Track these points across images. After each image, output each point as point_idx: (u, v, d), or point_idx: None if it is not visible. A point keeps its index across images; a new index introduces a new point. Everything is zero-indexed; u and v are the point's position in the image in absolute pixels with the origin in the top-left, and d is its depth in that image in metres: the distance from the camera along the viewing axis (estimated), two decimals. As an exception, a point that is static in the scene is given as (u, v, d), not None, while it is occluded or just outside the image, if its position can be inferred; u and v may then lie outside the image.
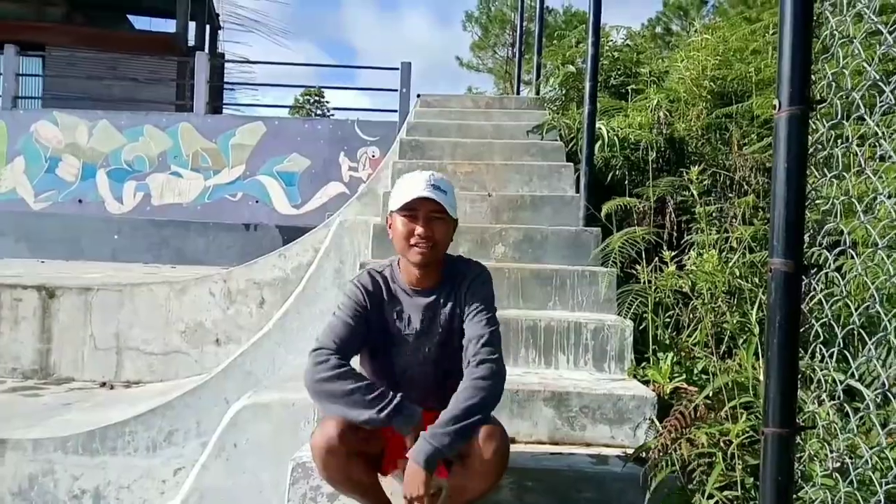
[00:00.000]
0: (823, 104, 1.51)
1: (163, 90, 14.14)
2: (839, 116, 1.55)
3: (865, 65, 1.54)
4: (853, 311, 1.66)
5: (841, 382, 1.66)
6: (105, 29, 17.81)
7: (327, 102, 27.04)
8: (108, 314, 6.09)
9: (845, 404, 1.74)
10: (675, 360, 3.02)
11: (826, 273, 1.72)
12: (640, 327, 3.31)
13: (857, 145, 1.76)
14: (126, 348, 6.09)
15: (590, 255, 3.79)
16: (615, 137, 4.56)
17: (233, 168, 10.32)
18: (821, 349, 1.85)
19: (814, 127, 1.62)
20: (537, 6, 7.69)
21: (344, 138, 10.33)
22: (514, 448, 2.02)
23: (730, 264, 3.17)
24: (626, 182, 4.55)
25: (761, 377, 1.94)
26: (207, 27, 18.83)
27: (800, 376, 1.93)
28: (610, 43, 6.20)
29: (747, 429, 1.95)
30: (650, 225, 4.21)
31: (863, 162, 1.85)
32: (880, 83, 1.56)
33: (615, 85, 6.02)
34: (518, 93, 8.48)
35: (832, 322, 1.66)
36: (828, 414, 1.78)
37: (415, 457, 1.77)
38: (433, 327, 2.05)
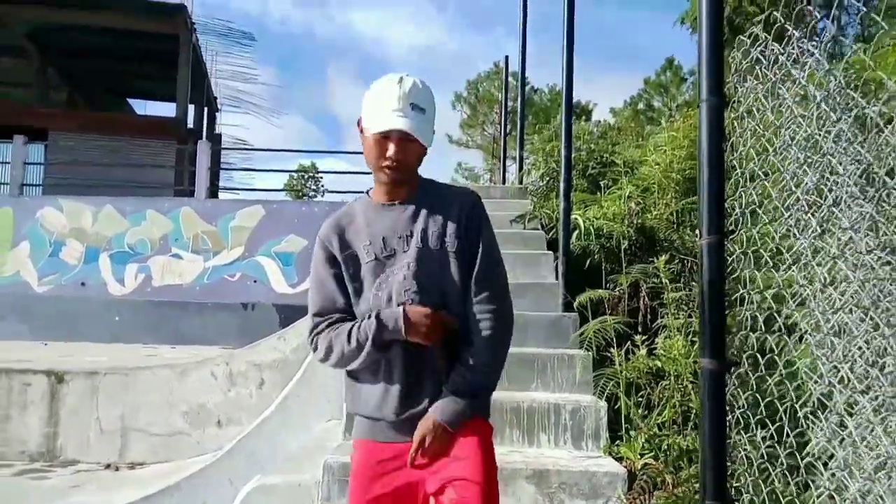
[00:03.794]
0: (735, 233, 1.89)
1: (163, 174, 14.65)
2: (744, 244, 1.93)
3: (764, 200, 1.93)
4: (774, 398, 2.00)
5: (766, 458, 1.99)
6: (106, 113, 18.52)
7: (321, 178, 27.76)
8: (113, 397, 6.34)
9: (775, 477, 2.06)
10: (645, 437, 3.34)
11: (744, 370, 2.06)
12: (615, 406, 3.63)
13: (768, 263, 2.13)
14: (131, 430, 6.31)
15: (569, 339, 4.14)
16: (591, 227, 4.96)
17: (232, 249, 10.69)
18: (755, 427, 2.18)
19: (730, 250, 2.00)
20: (519, 100, 8.22)
21: (339, 219, 10.75)
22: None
23: (695, 347, 3.51)
24: (603, 268, 4.93)
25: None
26: (206, 110, 19.57)
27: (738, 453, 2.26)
28: (586, 136, 6.67)
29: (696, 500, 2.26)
30: (625, 309, 4.57)
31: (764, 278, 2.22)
32: (774, 223, 1.94)
33: (592, 174, 6.48)
34: (504, 178, 8.97)
35: (749, 412, 2.00)
36: (756, 487, 2.09)
37: (442, 417, 1.77)
38: (409, 241, 1.83)
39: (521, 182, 7.36)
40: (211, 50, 18.09)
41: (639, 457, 3.16)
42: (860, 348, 1.62)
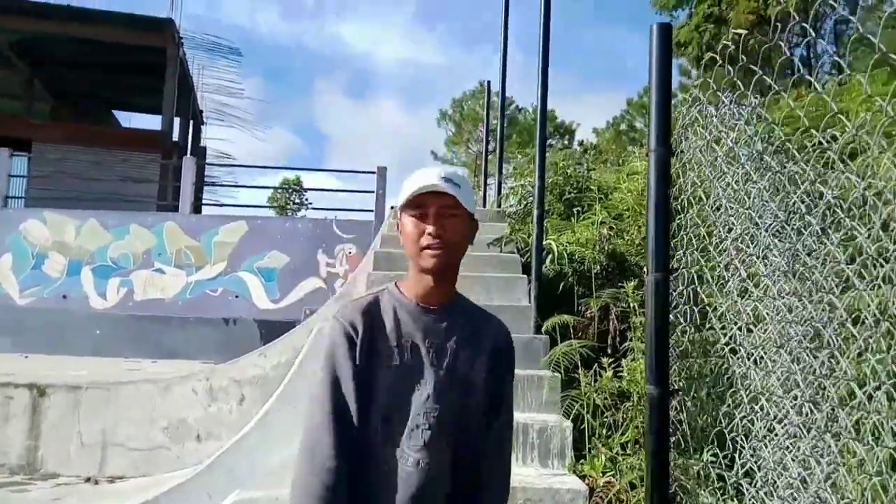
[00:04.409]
0: (676, 272, 2.08)
1: (147, 188, 14.73)
2: (686, 281, 2.12)
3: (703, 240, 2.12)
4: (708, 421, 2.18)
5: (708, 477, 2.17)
6: (92, 125, 18.58)
7: (305, 192, 27.90)
8: (95, 411, 6.42)
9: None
10: (608, 456, 3.51)
11: (683, 397, 2.25)
12: (581, 427, 3.80)
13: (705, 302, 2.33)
14: (111, 444, 6.39)
15: (539, 361, 4.31)
16: (564, 252, 5.16)
17: (214, 264, 10.80)
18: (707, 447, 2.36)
19: (673, 287, 2.19)
20: (499, 129, 8.44)
21: (322, 236, 10.92)
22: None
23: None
24: (576, 291, 5.12)
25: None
26: (191, 123, 19.67)
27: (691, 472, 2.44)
28: (562, 163, 6.89)
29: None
30: (595, 331, 4.76)
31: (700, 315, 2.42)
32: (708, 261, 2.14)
33: (569, 199, 6.69)
34: (485, 201, 9.18)
35: (688, 430, 2.18)
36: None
37: None
38: (441, 358, 1.64)
39: (499, 206, 7.57)
40: (198, 64, 18.23)
41: (601, 475, 3.33)
42: (778, 379, 1.80)
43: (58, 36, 15.65)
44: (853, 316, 1.71)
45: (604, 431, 3.74)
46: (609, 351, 4.48)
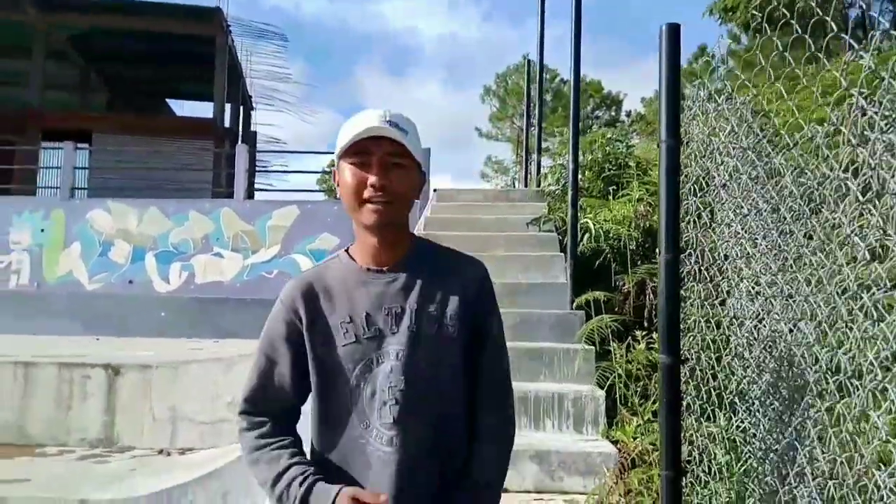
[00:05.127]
0: (685, 251, 2.29)
1: (200, 174, 15.29)
2: (693, 260, 2.33)
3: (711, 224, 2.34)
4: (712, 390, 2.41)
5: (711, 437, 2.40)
6: (147, 115, 19.27)
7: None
8: (165, 389, 6.91)
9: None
10: (640, 422, 3.74)
11: (692, 365, 2.48)
12: (616, 396, 4.04)
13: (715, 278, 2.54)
14: (180, 419, 6.88)
15: (575, 334, 4.55)
16: (601, 230, 5.35)
17: (269, 248, 11.25)
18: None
19: (684, 266, 2.41)
20: (537, 108, 8.59)
21: (370, 217, 11.26)
22: (505, 497, 2.71)
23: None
24: (612, 268, 5.32)
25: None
26: (241, 108, 20.21)
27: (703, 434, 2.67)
28: (601, 140, 7.04)
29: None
30: (631, 306, 4.97)
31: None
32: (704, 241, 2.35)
33: (608, 175, 6.85)
34: (526, 180, 9.38)
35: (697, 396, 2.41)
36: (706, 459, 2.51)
37: None
38: (399, 322, 1.47)
39: (538, 185, 7.77)
40: (245, 50, 18.68)
41: (632, 440, 3.57)
42: (767, 349, 2.02)
43: (111, 29, 16.24)
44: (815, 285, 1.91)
45: (636, 400, 3.97)
46: (645, 324, 4.69)
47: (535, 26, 9.10)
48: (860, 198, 1.42)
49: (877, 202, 1.37)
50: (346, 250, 1.57)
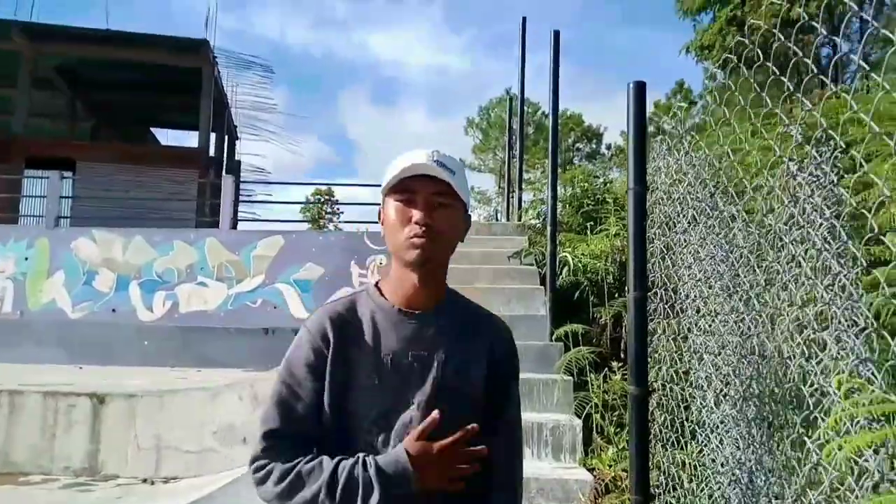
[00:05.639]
0: (652, 290, 2.49)
1: (185, 204, 15.41)
2: (659, 298, 2.53)
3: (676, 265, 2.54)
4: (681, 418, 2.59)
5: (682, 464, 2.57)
6: (132, 144, 19.39)
7: (337, 201, 28.57)
8: (150, 417, 6.98)
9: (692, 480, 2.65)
10: (615, 450, 3.92)
11: (659, 395, 2.66)
12: (594, 424, 4.21)
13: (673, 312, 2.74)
14: (165, 447, 6.94)
15: (554, 365, 4.73)
16: (579, 264, 5.56)
17: (253, 277, 11.36)
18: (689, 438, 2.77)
19: (651, 303, 2.61)
20: (518, 144, 8.85)
21: (355, 248, 11.42)
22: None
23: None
24: (590, 301, 5.52)
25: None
26: (226, 138, 20.39)
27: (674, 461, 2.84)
28: (580, 175, 7.29)
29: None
30: (608, 338, 5.16)
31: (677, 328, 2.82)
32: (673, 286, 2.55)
33: (586, 211, 7.09)
34: (508, 214, 9.61)
35: (664, 425, 2.59)
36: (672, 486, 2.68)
37: None
38: (426, 372, 1.44)
39: (519, 219, 8.00)
40: (231, 81, 18.91)
41: (607, 467, 3.74)
42: (727, 384, 2.21)
43: (98, 59, 16.42)
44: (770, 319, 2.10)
45: (612, 429, 4.14)
46: (621, 356, 4.88)
47: (517, 58, 9.40)
48: (793, 251, 1.62)
49: (806, 254, 1.57)
50: (376, 284, 1.55)
